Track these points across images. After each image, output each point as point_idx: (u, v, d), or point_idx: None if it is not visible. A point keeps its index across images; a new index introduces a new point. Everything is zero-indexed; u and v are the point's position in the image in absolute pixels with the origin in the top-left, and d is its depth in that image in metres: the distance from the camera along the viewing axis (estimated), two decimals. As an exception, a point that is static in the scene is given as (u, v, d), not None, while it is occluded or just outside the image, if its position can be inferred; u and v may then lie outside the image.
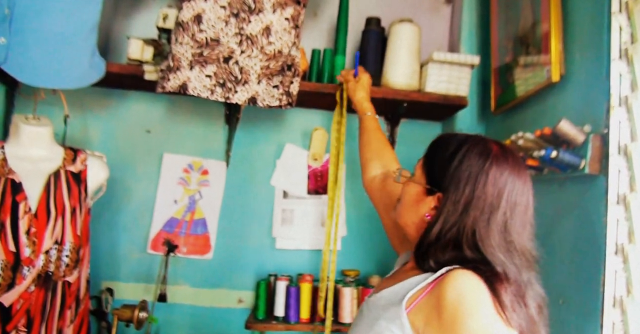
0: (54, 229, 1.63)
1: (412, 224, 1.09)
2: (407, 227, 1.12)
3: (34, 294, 1.59)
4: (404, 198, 1.13)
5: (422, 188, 1.08)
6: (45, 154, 1.72)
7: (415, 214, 1.09)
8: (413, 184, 1.11)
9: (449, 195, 1.02)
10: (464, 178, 1.01)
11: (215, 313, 2.18)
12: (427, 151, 1.12)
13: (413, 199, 1.10)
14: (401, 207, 1.13)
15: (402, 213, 1.12)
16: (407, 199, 1.11)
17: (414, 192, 1.10)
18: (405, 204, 1.12)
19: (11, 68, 1.70)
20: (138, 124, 2.22)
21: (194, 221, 2.20)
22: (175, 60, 1.68)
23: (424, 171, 1.10)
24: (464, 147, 1.04)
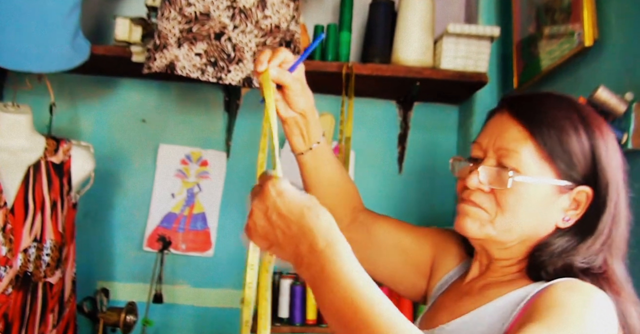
0: (32, 226, 1.49)
1: (525, 233, 0.81)
2: (507, 238, 0.82)
3: (12, 297, 1.45)
4: (516, 204, 0.79)
5: (550, 186, 0.79)
6: (25, 144, 1.59)
7: (536, 221, 0.80)
8: (529, 183, 0.79)
9: (604, 190, 0.79)
10: (614, 166, 0.80)
11: (218, 313, 2.03)
12: (540, 133, 0.79)
13: (536, 201, 0.79)
14: (511, 217, 0.80)
15: (511, 224, 0.80)
16: (524, 204, 0.79)
17: (536, 193, 0.79)
18: (522, 210, 0.79)
19: (-14, 52, 1.57)
20: (132, 113, 2.09)
21: (193, 215, 2.05)
22: (162, 38, 1.53)
23: (549, 161, 0.78)
24: (595, 122, 0.81)
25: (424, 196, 2.11)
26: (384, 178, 2.10)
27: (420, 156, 2.14)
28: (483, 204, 0.81)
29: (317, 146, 0.99)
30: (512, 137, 0.80)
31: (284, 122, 0.99)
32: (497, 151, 0.81)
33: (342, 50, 1.82)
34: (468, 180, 0.81)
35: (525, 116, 0.81)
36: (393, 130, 2.12)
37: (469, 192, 0.82)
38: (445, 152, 2.11)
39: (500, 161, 0.80)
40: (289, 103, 0.94)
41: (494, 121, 0.84)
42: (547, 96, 0.85)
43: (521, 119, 0.80)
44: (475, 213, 0.82)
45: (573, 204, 0.80)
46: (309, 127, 0.98)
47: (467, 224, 0.82)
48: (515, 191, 0.78)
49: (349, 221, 1.05)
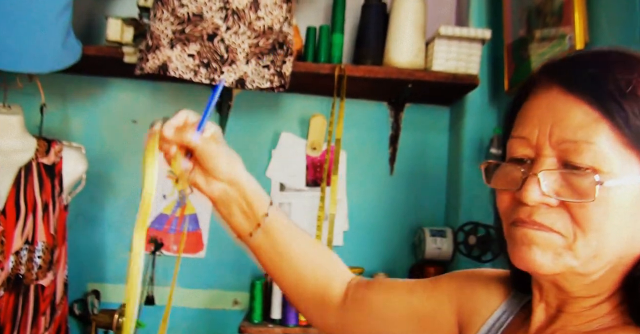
0: (24, 228, 1.47)
1: (617, 255, 0.56)
2: (594, 267, 0.57)
3: (4, 299, 1.44)
4: (604, 218, 0.54)
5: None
6: (16, 145, 1.58)
7: (629, 236, 0.56)
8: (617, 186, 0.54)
9: None
10: None
11: (209, 315, 2.03)
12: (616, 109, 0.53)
13: (626, 209, 0.54)
14: (598, 237, 0.55)
15: (598, 248, 0.55)
16: (612, 217, 0.54)
17: (625, 197, 0.54)
18: (610, 226, 0.54)
19: (-25, 51, 1.56)
20: (123, 114, 2.07)
21: (184, 217, 2.03)
22: (154, 39, 1.52)
23: (636, 147, 0.54)
24: None
25: (415, 197, 2.12)
26: (375, 179, 2.10)
27: (412, 157, 2.14)
28: (555, 224, 0.56)
29: (268, 219, 0.76)
30: (578, 122, 0.54)
31: (214, 204, 0.78)
32: (559, 146, 0.55)
33: (334, 51, 1.83)
34: (525, 193, 0.56)
35: (590, 88, 0.54)
36: (384, 131, 2.12)
37: (529, 210, 0.56)
38: (436, 153, 2.13)
39: (567, 159, 0.55)
40: (208, 171, 0.73)
41: (540, 102, 0.58)
42: (607, 53, 0.58)
43: (584, 93, 0.54)
44: (546, 240, 0.56)
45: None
46: (248, 197, 0.76)
47: (536, 257, 0.56)
48: (601, 200, 0.53)
49: (340, 301, 0.82)
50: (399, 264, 2.07)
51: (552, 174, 0.55)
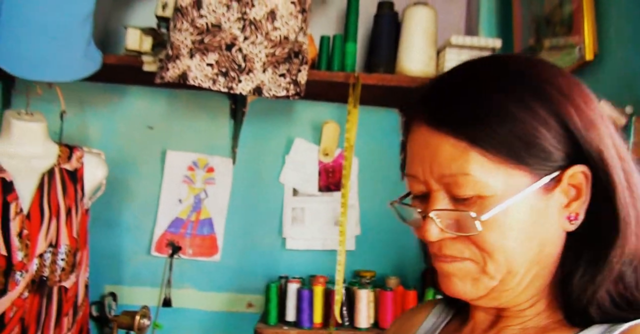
0: (48, 231, 1.52)
1: (533, 261, 0.58)
2: (514, 280, 0.59)
3: (28, 300, 1.48)
4: (502, 238, 0.56)
5: (532, 194, 0.56)
6: (39, 152, 1.62)
7: (537, 242, 0.57)
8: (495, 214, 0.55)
9: (600, 161, 0.56)
10: (600, 128, 0.57)
11: (224, 317, 2.07)
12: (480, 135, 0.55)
13: (526, 220, 0.56)
14: (505, 255, 0.57)
15: (509, 264, 0.57)
16: (512, 234, 0.56)
17: (520, 211, 0.56)
18: (513, 241, 0.56)
19: (2, 61, 1.61)
20: (140, 120, 2.13)
21: (200, 221, 2.08)
22: (174, 49, 1.57)
23: (513, 163, 0.55)
24: (545, 82, 0.58)
25: (425, 201, 2.15)
26: (387, 184, 2.14)
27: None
28: (463, 253, 0.59)
29: None
30: (449, 155, 0.56)
31: None
32: (441, 180, 0.57)
33: (347, 60, 1.87)
34: (426, 234, 0.58)
35: (449, 120, 0.56)
36: (396, 137, 2.16)
37: (437, 245, 0.60)
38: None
39: (452, 193, 0.57)
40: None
41: (416, 139, 0.60)
42: (461, 74, 0.61)
43: (446, 126, 0.56)
44: (461, 270, 0.59)
45: (571, 193, 0.57)
46: None
47: (457, 287, 0.60)
48: (491, 226, 0.56)
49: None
50: (410, 269, 2.10)
51: (443, 214, 0.58)
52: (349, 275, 2.02)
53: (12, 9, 1.61)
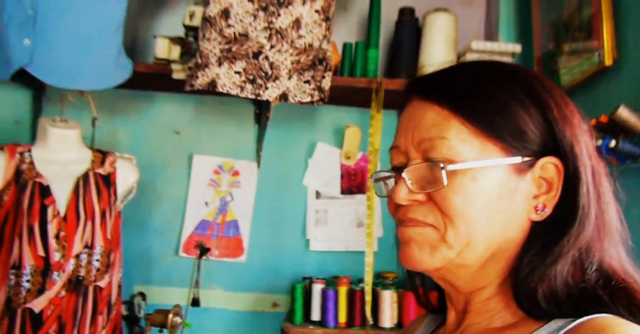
0: (83, 233, 1.59)
1: (493, 241, 0.59)
2: (472, 256, 0.59)
3: (65, 299, 1.55)
4: (465, 204, 0.57)
5: (503, 169, 0.58)
6: (74, 157, 1.69)
7: (500, 221, 0.59)
8: (473, 172, 0.58)
9: (571, 157, 0.59)
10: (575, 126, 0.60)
11: (250, 317, 2.12)
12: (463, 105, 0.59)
13: (491, 194, 0.58)
14: (466, 223, 0.58)
15: (469, 234, 0.58)
16: (476, 202, 0.58)
17: (487, 182, 0.58)
18: (476, 211, 0.58)
19: (36, 70, 1.68)
20: (167, 125, 2.19)
21: (226, 223, 2.14)
22: (203, 57, 1.63)
23: (488, 136, 0.58)
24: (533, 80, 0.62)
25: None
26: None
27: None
28: (426, 218, 0.59)
29: None
30: (432, 121, 0.60)
31: None
32: (419, 146, 0.60)
33: (369, 66, 1.91)
34: (395, 195, 0.60)
35: (439, 92, 0.61)
36: (416, 140, 2.20)
37: (404, 209, 0.61)
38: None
39: (427, 155, 0.60)
40: None
41: (406, 114, 0.64)
42: (460, 64, 0.68)
43: (434, 96, 0.61)
44: (421, 235, 0.60)
45: (543, 186, 0.59)
46: None
47: (414, 254, 0.60)
48: (457, 187, 0.57)
49: None
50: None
51: (414, 170, 0.60)
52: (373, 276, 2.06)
53: (46, 20, 1.68)
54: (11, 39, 1.67)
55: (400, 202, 0.61)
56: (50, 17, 1.67)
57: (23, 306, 1.52)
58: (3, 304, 1.53)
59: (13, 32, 1.67)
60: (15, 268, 1.52)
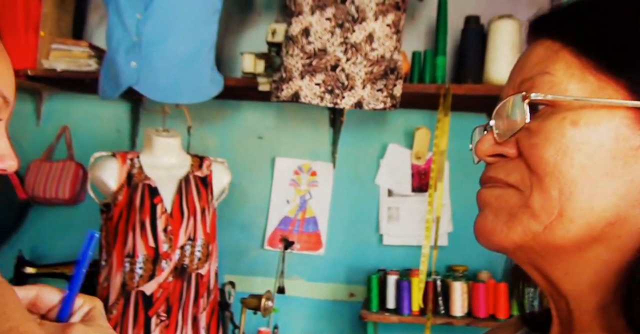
0: (187, 227, 1.83)
1: (601, 217, 0.42)
2: (566, 231, 0.43)
3: (172, 284, 1.79)
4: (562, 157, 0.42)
5: (620, 118, 0.42)
6: (175, 162, 1.93)
7: (614, 190, 0.42)
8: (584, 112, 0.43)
9: None
10: None
11: (328, 305, 2.31)
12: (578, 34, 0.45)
13: (603, 151, 0.42)
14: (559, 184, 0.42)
15: (562, 200, 0.42)
16: (577, 156, 0.42)
17: (597, 135, 0.42)
18: (576, 169, 0.42)
19: (143, 88, 1.93)
20: (251, 131, 2.41)
21: (305, 219, 2.34)
22: (287, 72, 1.83)
23: (607, 71, 0.43)
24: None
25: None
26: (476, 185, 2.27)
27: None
28: (509, 176, 0.46)
29: None
30: (539, 57, 0.47)
31: None
32: (520, 87, 0.47)
33: (438, 72, 2.05)
34: (478, 146, 0.49)
35: (551, 23, 0.48)
36: (484, 141, 2.30)
37: (487, 168, 0.49)
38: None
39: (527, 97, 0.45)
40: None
41: (516, 61, 0.51)
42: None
43: (546, 29, 0.48)
44: (499, 198, 0.47)
45: None
46: None
47: (486, 222, 0.48)
48: (552, 133, 0.43)
49: None
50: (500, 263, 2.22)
51: (503, 115, 0.47)
52: (443, 269, 2.19)
53: (150, 44, 1.93)
54: (120, 63, 1.93)
55: (482, 157, 0.48)
56: (153, 42, 1.92)
57: (136, 289, 1.77)
58: (119, 287, 1.79)
59: (121, 57, 1.93)
60: (130, 257, 1.78)
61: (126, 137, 2.48)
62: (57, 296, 0.47)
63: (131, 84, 1.89)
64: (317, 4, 1.79)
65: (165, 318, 1.77)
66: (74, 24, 2.44)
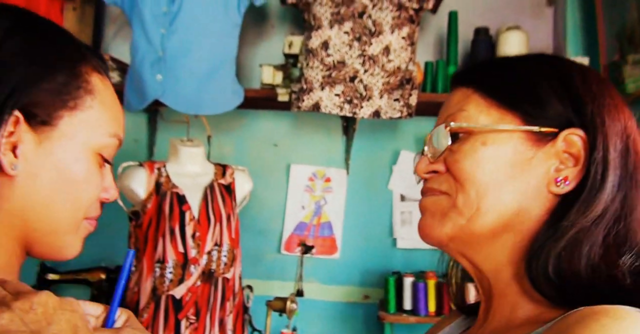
0: (214, 233, 1.90)
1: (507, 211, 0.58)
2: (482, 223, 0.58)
3: (200, 288, 1.86)
4: (475, 167, 0.58)
5: (519, 138, 0.58)
6: (200, 170, 2.01)
7: (513, 189, 0.57)
8: (487, 140, 0.59)
9: (603, 132, 0.56)
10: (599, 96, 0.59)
11: (344, 307, 2.39)
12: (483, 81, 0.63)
13: (504, 161, 0.58)
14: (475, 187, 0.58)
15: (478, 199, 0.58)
16: (486, 166, 0.58)
17: (501, 150, 0.58)
18: (486, 175, 0.58)
19: (167, 100, 2.02)
20: (266, 139, 2.50)
21: (321, 224, 2.42)
22: (308, 83, 1.92)
23: (506, 106, 0.60)
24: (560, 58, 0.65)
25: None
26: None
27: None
28: (441, 186, 0.61)
29: None
30: (457, 99, 0.63)
31: None
32: (445, 121, 0.62)
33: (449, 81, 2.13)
34: (417, 169, 0.64)
35: (465, 75, 0.65)
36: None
37: (425, 182, 0.64)
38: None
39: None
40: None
41: (444, 102, 0.67)
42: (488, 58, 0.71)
43: (461, 79, 0.65)
44: (434, 204, 0.61)
45: (569, 161, 0.57)
46: None
47: (426, 222, 0.62)
48: (468, 151, 0.59)
49: None
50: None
51: (432, 142, 0.62)
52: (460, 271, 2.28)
53: (174, 58, 2.01)
54: (145, 76, 2.01)
55: (420, 175, 0.63)
56: (177, 56, 2.01)
57: (166, 293, 1.84)
58: (150, 291, 1.86)
59: (147, 70, 2.01)
60: (160, 262, 1.85)
61: (144, 146, 2.55)
62: (100, 308, 0.56)
63: (157, 97, 1.97)
64: (336, 18, 1.88)
65: (194, 321, 1.84)
66: (93, 36, 2.52)
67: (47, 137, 0.61)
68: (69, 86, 0.62)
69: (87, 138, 0.64)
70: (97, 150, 0.65)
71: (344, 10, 1.89)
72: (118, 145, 0.68)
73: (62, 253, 0.65)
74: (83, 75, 0.65)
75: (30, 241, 0.62)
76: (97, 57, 0.69)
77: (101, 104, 0.66)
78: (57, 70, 0.62)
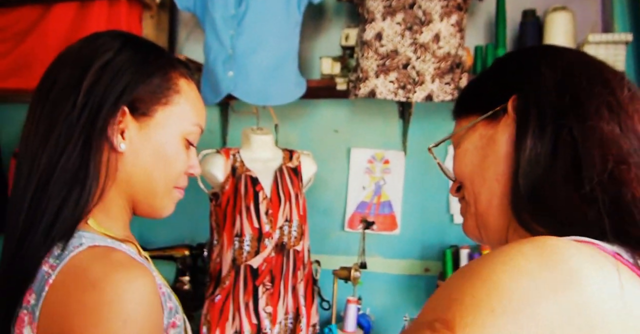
0: (284, 210, 2.13)
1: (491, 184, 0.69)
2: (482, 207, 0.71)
3: (274, 259, 2.09)
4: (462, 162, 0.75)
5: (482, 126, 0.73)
6: (270, 156, 2.23)
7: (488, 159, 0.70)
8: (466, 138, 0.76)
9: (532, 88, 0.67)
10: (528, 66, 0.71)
11: (406, 279, 2.56)
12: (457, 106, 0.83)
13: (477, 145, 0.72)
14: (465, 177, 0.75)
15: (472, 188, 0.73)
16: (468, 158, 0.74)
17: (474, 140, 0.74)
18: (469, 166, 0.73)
19: (239, 93, 2.25)
20: (327, 126, 2.69)
21: (381, 203, 2.60)
22: (364, 72, 2.10)
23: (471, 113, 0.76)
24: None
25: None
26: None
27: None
28: (462, 193, 0.79)
29: None
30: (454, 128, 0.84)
31: None
32: None
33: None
34: (450, 191, 0.84)
35: (453, 112, 0.85)
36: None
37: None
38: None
39: None
40: None
41: None
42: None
43: (453, 117, 0.85)
44: (462, 207, 0.80)
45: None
46: None
47: (463, 224, 0.80)
48: (455, 158, 0.79)
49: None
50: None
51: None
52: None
53: (243, 55, 2.23)
54: (218, 73, 2.25)
55: (454, 196, 0.81)
56: (246, 54, 2.23)
57: (245, 263, 2.07)
58: (230, 262, 2.10)
59: (219, 68, 2.25)
60: (238, 236, 2.09)
61: (217, 136, 2.81)
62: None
63: (230, 91, 2.21)
64: (388, 10, 2.04)
65: (270, 287, 2.08)
66: (169, 40, 2.79)
67: (146, 125, 0.87)
68: (162, 87, 0.88)
69: (176, 126, 0.89)
70: (184, 135, 0.91)
71: (395, 3, 2.05)
72: (200, 132, 0.93)
73: (159, 212, 0.91)
74: (173, 79, 0.90)
75: (136, 202, 0.88)
76: (184, 66, 0.94)
77: (186, 100, 0.91)
78: (154, 76, 0.87)
